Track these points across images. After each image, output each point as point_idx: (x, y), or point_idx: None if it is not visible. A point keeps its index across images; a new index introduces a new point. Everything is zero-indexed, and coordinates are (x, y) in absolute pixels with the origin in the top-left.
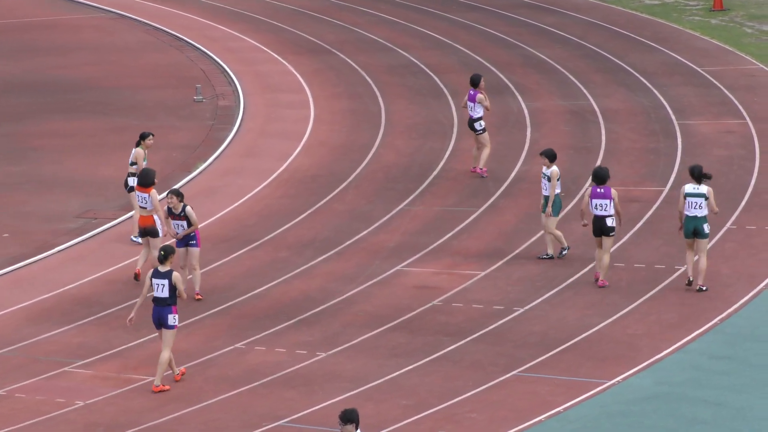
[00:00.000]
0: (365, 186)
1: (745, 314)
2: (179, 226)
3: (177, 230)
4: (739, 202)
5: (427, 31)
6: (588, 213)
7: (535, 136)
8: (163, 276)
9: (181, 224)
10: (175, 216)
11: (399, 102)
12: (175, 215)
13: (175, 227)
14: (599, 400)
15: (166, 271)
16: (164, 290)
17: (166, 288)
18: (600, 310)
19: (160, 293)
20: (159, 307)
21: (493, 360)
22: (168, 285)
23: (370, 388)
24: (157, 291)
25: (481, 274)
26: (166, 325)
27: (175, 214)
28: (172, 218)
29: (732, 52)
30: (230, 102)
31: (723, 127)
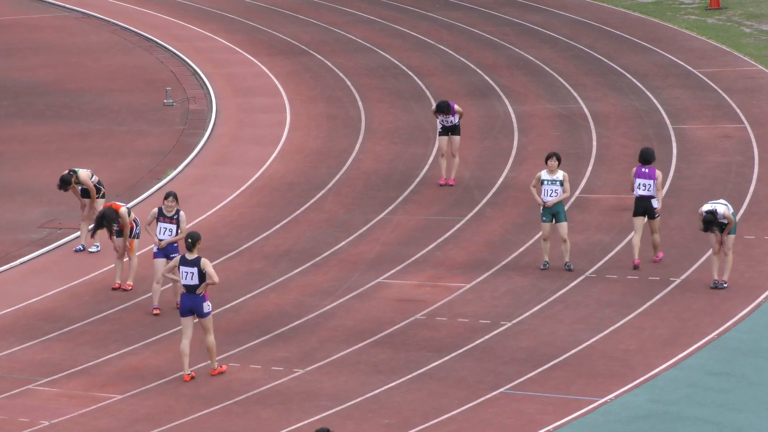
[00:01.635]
0: (344, 194)
1: (744, 328)
2: (168, 229)
3: (164, 235)
4: (737, 211)
5: (409, 30)
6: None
7: (523, 142)
8: (191, 263)
9: (170, 228)
10: (166, 219)
11: (379, 106)
12: (166, 218)
13: (163, 231)
14: (591, 420)
15: (194, 259)
16: (194, 278)
17: (195, 275)
18: (591, 325)
19: (190, 281)
20: (191, 296)
21: (479, 377)
22: (197, 272)
23: (351, 407)
24: (186, 279)
25: (467, 287)
26: (202, 314)
27: (167, 217)
28: (162, 221)
29: (729, 53)
30: (202, 106)
31: (720, 131)
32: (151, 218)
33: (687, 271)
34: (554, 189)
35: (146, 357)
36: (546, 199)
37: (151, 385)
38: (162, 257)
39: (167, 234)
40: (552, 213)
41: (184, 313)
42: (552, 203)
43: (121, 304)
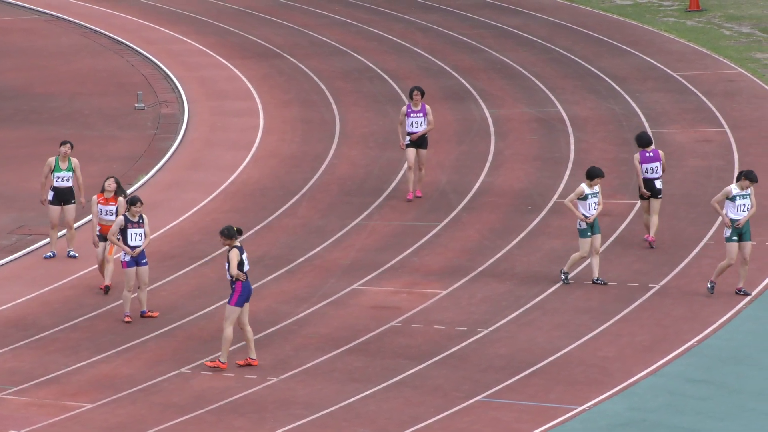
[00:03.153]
0: (318, 199)
1: (724, 335)
2: (138, 234)
3: (135, 241)
4: (717, 216)
5: (384, 33)
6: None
7: (500, 146)
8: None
9: (139, 232)
10: (134, 224)
11: (354, 110)
12: (134, 223)
13: (134, 236)
14: (569, 428)
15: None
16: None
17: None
18: (569, 332)
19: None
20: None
21: (455, 385)
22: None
23: (325, 415)
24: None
25: (443, 293)
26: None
27: (134, 222)
28: (131, 227)
29: (709, 56)
30: (174, 110)
31: (700, 135)
32: (117, 227)
33: (666, 277)
34: (596, 201)
35: (118, 365)
36: (591, 213)
37: (123, 394)
38: (134, 265)
39: (138, 239)
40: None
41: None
42: (593, 217)
43: (92, 312)
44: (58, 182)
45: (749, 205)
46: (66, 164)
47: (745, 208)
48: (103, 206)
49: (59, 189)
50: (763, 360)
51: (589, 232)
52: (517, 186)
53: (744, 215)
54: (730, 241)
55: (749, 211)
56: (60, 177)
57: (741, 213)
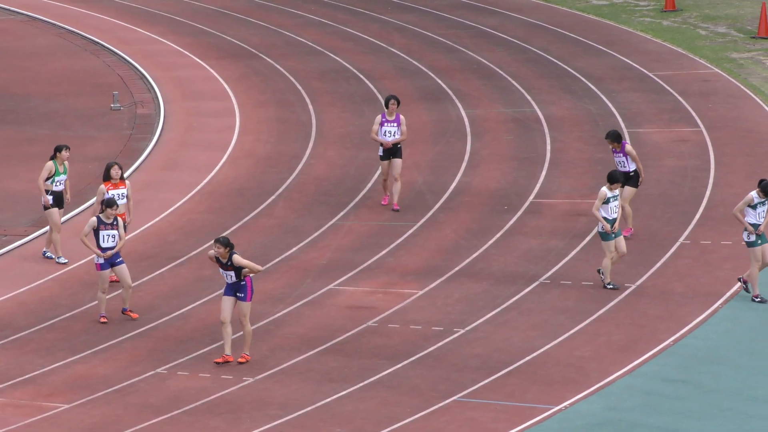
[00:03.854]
0: (295, 199)
1: (701, 335)
2: (111, 236)
3: (108, 242)
4: (693, 215)
5: (360, 33)
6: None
7: (476, 146)
8: (227, 267)
9: (113, 234)
10: (108, 226)
11: (330, 110)
12: (108, 225)
13: (107, 238)
14: (545, 428)
15: (227, 263)
16: (233, 278)
17: (233, 276)
18: (546, 331)
19: (231, 281)
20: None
21: (432, 385)
22: (234, 273)
23: (302, 415)
24: (228, 280)
25: (419, 293)
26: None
27: (107, 224)
28: (104, 228)
29: (685, 56)
30: (150, 110)
31: (676, 135)
32: (89, 229)
33: (642, 276)
34: (617, 204)
35: (94, 365)
36: (612, 216)
37: (99, 394)
38: (108, 267)
39: (111, 241)
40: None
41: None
42: (618, 225)
43: (68, 312)
44: (57, 186)
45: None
46: (63, 168)
47: (764, 213)
48: (114, 191)
49: (57, 193)
50: (740, 359)
51: (612, 235)
52: (494, 186)
53: (763, 221)
54: (755, 245)
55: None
56: (59, 181)
57: (761, 219)
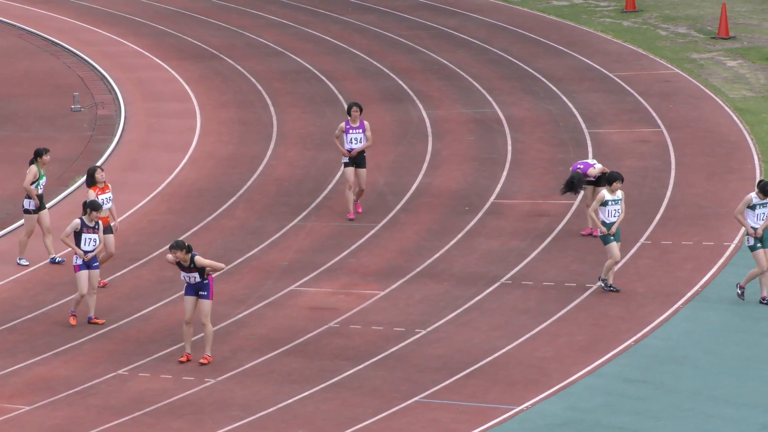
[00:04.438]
0: (256, 200)
1: (661, 335)
2: (92, 240)
3: (89, 246)
4: (654, 215)
5: (320, 34)
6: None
7: (437, 147)
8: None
9: (94, 238)
10: (90, 229)
11: (291, 111)
12: (90, 228)
13: (88, 241)
14: (507, 428)
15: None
16: (196, 279)
17: (197, 277)
18: (507, 332)
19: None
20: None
21: (393, 385)
22: (198, 274)
23: (263, 417)
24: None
25: (381, 294)
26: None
27: (89, 227)
28: (87, 231)
29: (645, 56)
30: (110, 111)
31: (636, 136)
32: (71, 230)
33: None
34: (617, 209)
35: (55, 367)
36: (610, 219)
37: (60, 396)
38: (86, 269)
39: (92, 244)
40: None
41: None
42: (615, 228)
43: (28, 314)
44: (41, 189)
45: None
46: (43, 171)
47: (764, 216)
48: (102, 195)
49: (40, 196)
50: (700, 360)
51: (611, 237)
52: (455, 187)
53: (761, 223)
54: (755, 249)
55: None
56: (42, 184)
57: (759, 221)
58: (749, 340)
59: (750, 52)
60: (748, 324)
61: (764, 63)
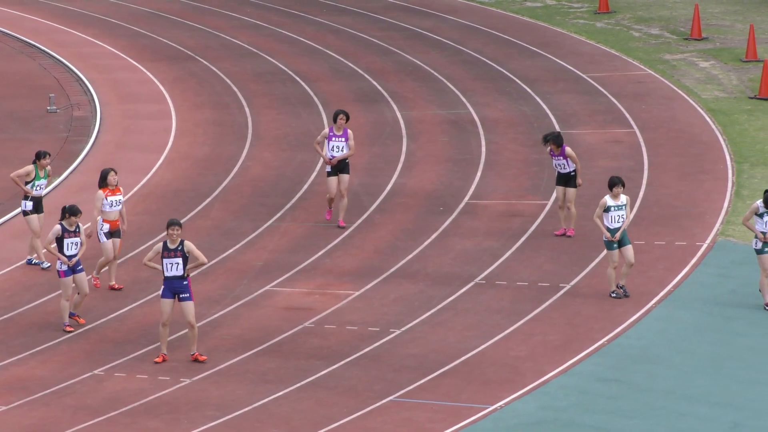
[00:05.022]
0: (231, 201)
1: (634, 334)
2: (75, 244)
3: (71, 250)
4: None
5: (295, 35)
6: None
7: (412, 148)
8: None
9: (76, 241)
10: (72, 234)
11: (267, 112)
12: (71, 233)
13: (71, 246)
14: (481, 427)
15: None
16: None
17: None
18: (481, 332)
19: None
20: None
21: (368, 385)
22: (182, 261)
23: (239, 416)
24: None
25: (356, 294)
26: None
27: (71, 232)
28: (68, 236)
29: (618, 57)
30: (86, 112)
31: (610, 136)
32: (53, 236)
33: (577, 277)
34: (620, 214)
35: (31, 367)
36: (613, 225)
37: (36, 396)
38: (71, 274)
39: (74, 248)
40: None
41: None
42: (620, 235)
43: (4, 314)
44: (38, 191)
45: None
46: (43, 172)
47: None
48: (112, 197)
49: (37, 198)
50: (672, 359)
51: (615, 244)
52: (429, 187)
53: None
54: (762, 253)
55: None
56: (40, 185)
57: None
58: (721, 339)
59: (722, 53)
60: (720, 323)
61: (736, 64)
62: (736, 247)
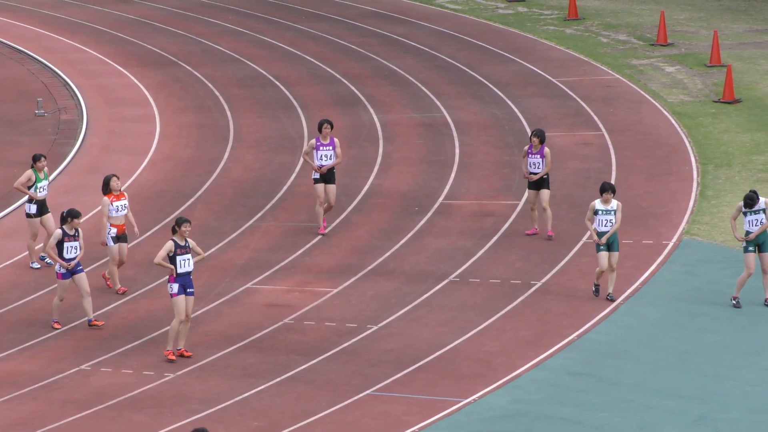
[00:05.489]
0: (214, 201)
1: (603, 330)
2: (74, 247)
3: (71, 254)
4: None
5: (275, 41)
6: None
7: (388, 150)
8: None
9: (75, 245)
10: (71, 237)
11: (247, 115)
12: (71, 236)
13: (70, 250)
14: (455, 420)
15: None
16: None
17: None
18: (455, 328)
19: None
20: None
21: (346, 379)
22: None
23: (221, 410)
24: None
25: (334, 291)
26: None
27: (71, 236)
28: (68, 240)
29: (587, 62)
30: (73, 116)
31: (579, 139)
32: (54, 241)
33: (548, 274)
34: (609, 219)
35: (20, 363)
36: (600, 229)
37: (25, 390)
38: (69, 276)
39: (74, 252)
40: (608, 242)
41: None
42: (606, 239)
43: None
44: (41, 193)
45: (762, 220)
46: (43, 174)
47: (757, 222)
48: (117, 203)
49: (41, 200)
50: (640, 353)
51: (602, 247)
52: (405, 188)
53: (756, 229)
54: (745, 252)
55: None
56: (42, 187)
57: (753, 227)
58: (687, 335)
59: (687, 58)
60: (686, 319)
61: (701, 69)
62: (701, 245)
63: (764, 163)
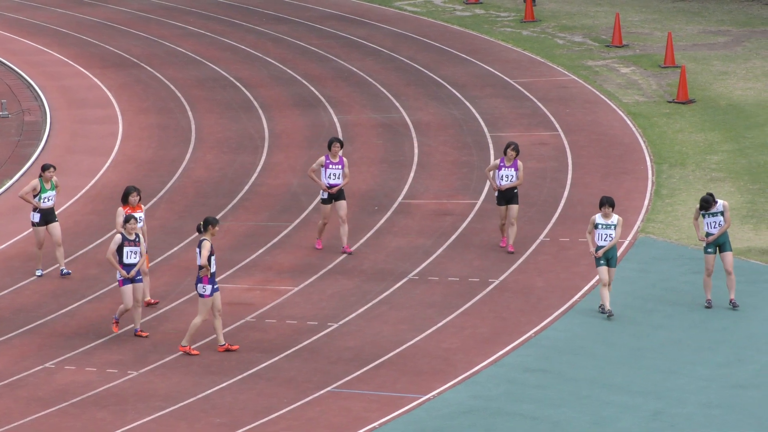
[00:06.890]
0: (176, 201)
1: (560, 327)
2: (134, 252)
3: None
4: (552, 214)
5: (236, 43)
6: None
7: (348, 150)
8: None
9: (134, 251)
10: (130, 242)
11: (209, 116)
12: (130, 241)
13: (129, 254)
14: (414, 416)
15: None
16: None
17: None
18: (414, 325)
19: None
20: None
21: (307, 376)
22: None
23: (183, 407)
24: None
25: (295, 290)
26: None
27: (130, 240)
28: (127, 245)
29: (544, 64)
30: (36, 117)
31: (535, 138)
32: (115, 246)
33: (505, 272)
34: (608, 233)
35: None
36: (600, 243)
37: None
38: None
39: (134, 258)
40: (607, 257)
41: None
42: (602, 253)
43: None
44: (45, 203)
45: (721, 222)
46: (49, 184)
47: (715, 224)
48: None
49: (45, 210)
50: (596, 349)
51: (601, 261)
52: (365, 187)
53: (716, 230)
54: (706, 253)
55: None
56: (47, 197)
57: (713, 229)
58: (641, 331)
59: (642, 60)
60: (641, 316)
61: (656, 69)
62: (656, 243)
63: (717, 162)
